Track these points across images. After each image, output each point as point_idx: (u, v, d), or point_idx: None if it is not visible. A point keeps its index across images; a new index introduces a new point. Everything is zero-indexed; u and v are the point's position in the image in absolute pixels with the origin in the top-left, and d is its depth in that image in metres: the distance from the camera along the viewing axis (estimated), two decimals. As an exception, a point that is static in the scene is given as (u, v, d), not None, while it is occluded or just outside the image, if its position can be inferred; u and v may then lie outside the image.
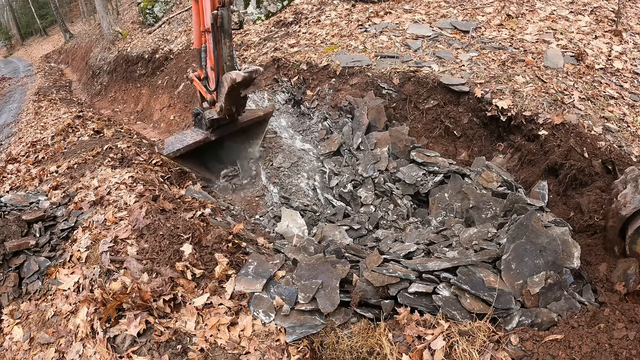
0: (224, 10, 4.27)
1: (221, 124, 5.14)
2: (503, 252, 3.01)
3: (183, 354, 2.43)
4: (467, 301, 2.76)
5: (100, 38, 16.86)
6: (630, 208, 3.03)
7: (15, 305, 3.27)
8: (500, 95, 4.90)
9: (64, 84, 16.59)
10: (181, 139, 5.12)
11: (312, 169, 5.50)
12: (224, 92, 4.47)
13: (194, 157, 5.20)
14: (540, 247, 2.94)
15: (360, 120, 5.36)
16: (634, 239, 2.98)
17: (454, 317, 2.71)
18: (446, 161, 4.84)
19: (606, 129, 4.31)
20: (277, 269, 3.14)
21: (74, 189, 4.37)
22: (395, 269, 3.02)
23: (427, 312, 2.81)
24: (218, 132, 5.18)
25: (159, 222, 3.40)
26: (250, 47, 8.36)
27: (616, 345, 2.32)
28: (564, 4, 6.80)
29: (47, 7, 31.24)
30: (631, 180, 3.31)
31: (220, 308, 2.78)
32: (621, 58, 5.47)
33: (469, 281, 2.84)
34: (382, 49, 6.27)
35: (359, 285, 3.00)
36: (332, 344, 2.69)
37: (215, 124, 5.09)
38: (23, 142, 7.95)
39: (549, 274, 2.80)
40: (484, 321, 2.61)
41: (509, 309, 2.72)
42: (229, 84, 4.34)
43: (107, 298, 2.67)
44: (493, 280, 2.82)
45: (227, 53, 4.50)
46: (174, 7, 13.88)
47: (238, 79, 4.28)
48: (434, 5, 7.40)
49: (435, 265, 3.02)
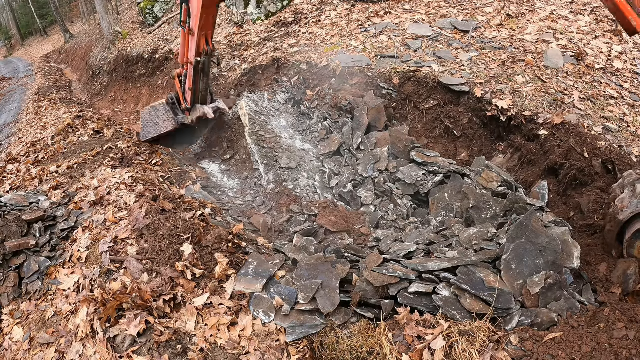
0: (205, 58, 5.22)
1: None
2: (503, 252, 3.01)
3: (183, 354, 2.43)
4: (467, 301, 2.76)
5: (100, 38, 16.85)
6: (628, 212, 3.03)
7: (15, 305, 3.27)
8: (500, 95, 4.90)
9: (64, 84, 16.58)
10: (155, 122, 6.24)
11: (312, 169, 5.50)
12: (196, 115, 5.86)
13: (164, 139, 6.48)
14: (540, 247, 2.94)
15: (360, 120, 5.36)
16: (632, 242, 2.98)
17: (454, 317, 2.71)
18: (446, 161, 4.84)
19: (606, 129, 4.31)
20: (277, 269, 3.14)
21: (74, 189, 4.37)
22: (395, 269, 3.02)
23: (427, 312, 2.81)
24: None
25: (159, 222, 3.40)
26: (250, 47, 8.36)
27: (616, 345, 2.32)
28: (564, 4, 6.80)
29: (47, 7, 31.22)
30: (629, 184, 3.31)
31: (220, 308, 2.78)
32: (621, 58, 5.47)
33: (469, 281, 2.84)
34: (382, 49, 6.27)
35: (359, 285, 3.00)
36: (332, 344, 2.69)
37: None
38: (23, 142, 7.95)
39: (549, 274, 2.80)
40: (484, 321, 2.61)
41: (509, 309, 2.72)
42: (200, 114, 5.82)
43: (107, 298, 2.67)
44: (493, 280, 2.82)
45: (203, 87, 5.71)
46: (174, 7, 13.88)
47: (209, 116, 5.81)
48: (434, 5, 7.40)
49: (435, 265, 3.02)
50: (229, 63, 8.31)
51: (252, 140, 5.94)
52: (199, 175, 5.50)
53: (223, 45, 9.20)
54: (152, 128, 6.20)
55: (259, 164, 5.63)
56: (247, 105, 6.36)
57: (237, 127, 6.71)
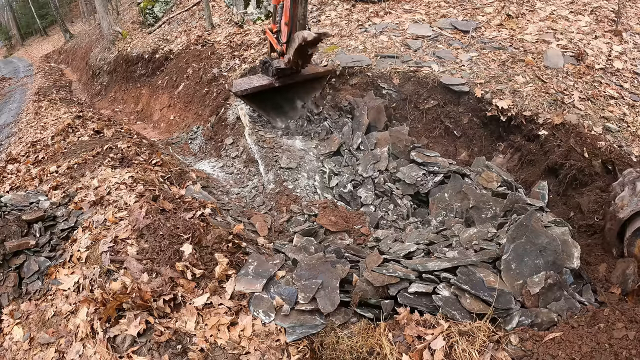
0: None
1: (286, 73, 5.78)
2: (503, 252, 3.01)
3: (183, 354, 2.43)
4: (467, 301, 2.76)
5: (100, 38, 16.85)
6: (628, 211, 3.04)
7: (15, 305, 3.26)
8: (500, 95, 4.90)
9: (64, 84, 16.58)
10: (248, 82, 5.95)
11: (312, 169, 5.50)
12: (294, 47, 5.05)
13: (257, 100, 6.06)
14: (540, 247, 2.94)
15: (360, 120, 5.36)
16: (632, 241, 2.98)
17: (454, 317, 2.70)
18: (446, 161, 4.84)
19: (606, 129, 4.31)
20: (277, 269, 3.14)
21: (74, 189, 4.37)
22: (395, 269, 3.02)
23: (427, 312, 2.81)
24: (282, 80, 5.82)
25: (159, 222, 3.40)
26: (250, 47, 8.36)
27: (616, 345, 2.32)
28: (564, 4, 6.80)
29: (47, 7, 31.22)
30: (628, 182, 3.32)
31: (220, 308, 2.78)
32: (621, 58, 5.47)
33: (469, 281, 2.84)
34: (382, 49, 6.27)
35: (359, 285, 3.00)
36: (332, 344, 2.69)
37: (281, 73, 5.74)
38: (23, 142, 7.95)
39: (549, 274, 2.80)
40: (484, 321, 2.61)
41: (509, 309, 2.72)
42: (300, 41, 4.88)
43: (107, 298, 2.67)
44: (493, 280, 2.82)
45: (301, 13, 5.02)
46: (174, 7, 13.88)
47: (309, 38, 4.83)
48: (434, 5, 7.40)
49: (435, 265, 3.02)
50: (229, 63, 8.31)
51: (252, 140, 5.94)
52: (199, 175, 5.48)
53: (223, 45, 9.20)
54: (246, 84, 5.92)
55: (259, 164, 5.64)
56: (247, 105, 6.37)
57: (237, 127, 6.72)
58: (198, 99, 8.52)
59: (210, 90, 8.23)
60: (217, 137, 7.15)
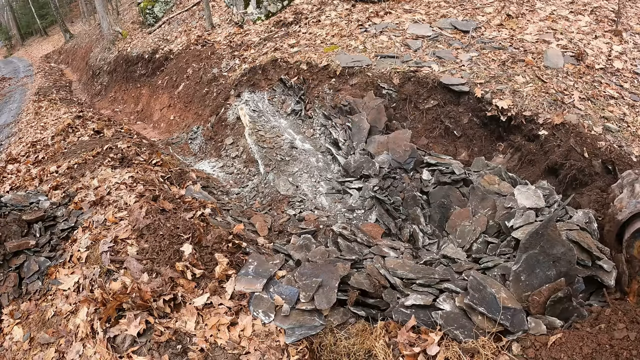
0: None
1: None
2: (514, 263, 2.87)
3: (183, 354, 2.43)
4: (478, 318, 2.61)
5: (100, 38, 16.85)
6: (627, 212, 3.03)
7: (15, 305, 3.26)
8: (500, 95, 4.90)
9: (64, 84, 16.58)
10: None
11: (312, 169, 5.50)
12: None
13: None
14: (554, 258, 2.77)
15: (360, 125, 5.32)
16: (631, 242, 2.98)
17: (456, 337, 2.53)
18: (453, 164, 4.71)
19: (606, 129, 4.31)
20: (277, 268, 3.14)
21: (74, 189, 4.37)
22: (396, 269, 3.02)
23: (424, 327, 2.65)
24: None
25: (159, 222, 3.40)
26: (250, 47, 8.36)
27: (617, 346, 2.31)
28: (564, 4, 6.80)
29: (47, 7, 31.21)
30: (627, 184, 3.31)
31: (220, 308, 2.78)
32: (621, 58, 5.46)
33: (481, 299, 2.66)
34: (382, 49, 6.27)
35: (358, 284, 3.00)
36: (329, 346, 2.68)
37: None
38: (23, 142, 7.95)
39: (560, 284, 2.67)
40: (488, 338, 2.50)
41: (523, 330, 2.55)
42: None
43: (107, 298, 2.67)
44: (506, 298, 2.66)
45: None
46: (174, 7, 13.88)
47: None
48: (434, 5, 7.40)
49: (437, 272, 2.98)
50: (229, 63, 8.31)
51: (252, 140, 5.95)
52: (199, 175, 5.46)
53: (223, 45, 9.20)
54: None
55: (259, 164, 5.64)
56: (247, 105, 6.37)
57: (237, 127, 6.72)
58: (198, 99, 8.52)
59: (210, 90, 8.22)
60: (217, 137, 7.15)
